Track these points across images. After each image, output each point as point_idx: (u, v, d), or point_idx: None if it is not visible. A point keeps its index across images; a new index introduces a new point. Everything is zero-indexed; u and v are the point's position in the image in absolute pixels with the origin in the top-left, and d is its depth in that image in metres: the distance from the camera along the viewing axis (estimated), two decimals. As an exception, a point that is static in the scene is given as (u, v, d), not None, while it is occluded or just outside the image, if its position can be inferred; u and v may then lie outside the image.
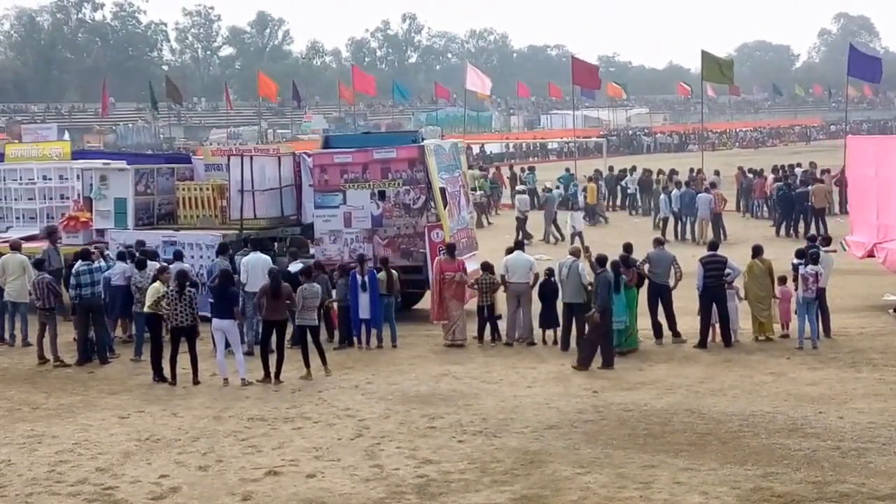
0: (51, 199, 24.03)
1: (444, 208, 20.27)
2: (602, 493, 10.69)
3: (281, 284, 16.16)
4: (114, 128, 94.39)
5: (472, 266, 19.82)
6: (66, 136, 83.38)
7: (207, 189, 22.07)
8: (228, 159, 21.75)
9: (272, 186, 21.83)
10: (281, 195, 22.04)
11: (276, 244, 21.60)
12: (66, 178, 23.93)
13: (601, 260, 16.89)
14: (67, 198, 23.75)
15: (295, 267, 18.33)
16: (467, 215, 22.31)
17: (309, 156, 22.24)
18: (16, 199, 24.38)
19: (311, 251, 20.71)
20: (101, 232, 21.85)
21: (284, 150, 24.37)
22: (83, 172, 22.88)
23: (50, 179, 24.12)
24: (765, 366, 16.15)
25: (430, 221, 20.04)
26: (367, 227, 20.36)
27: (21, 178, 24.36)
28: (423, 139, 21.22)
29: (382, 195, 20.29)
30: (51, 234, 20.94)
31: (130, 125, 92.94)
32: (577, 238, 27.66)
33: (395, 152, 20.45)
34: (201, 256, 20.17)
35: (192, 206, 22.10)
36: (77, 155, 25.64)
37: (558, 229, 32.31)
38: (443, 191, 20.37)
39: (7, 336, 19.27)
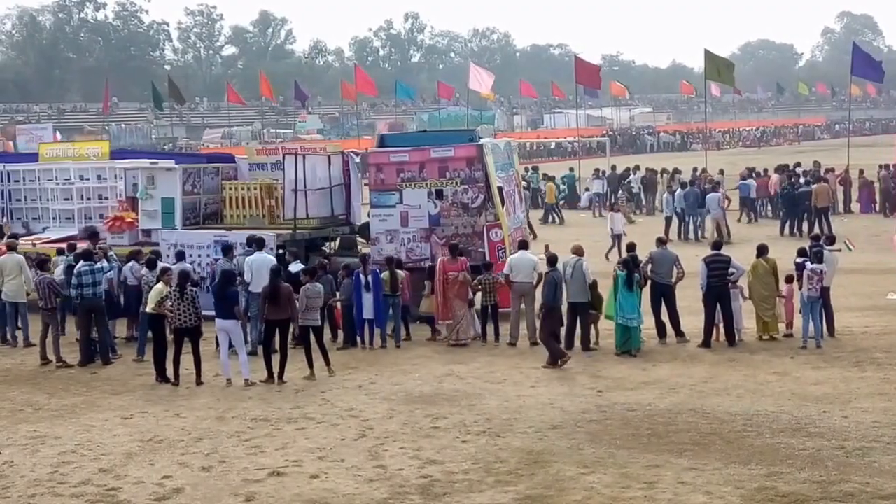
0: (88, 199, 23.85)
1: (502, 207, 20.19)
2: (606, 493, 10.66)
3: (280, 285, 16.12)
4: (106, 128, 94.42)
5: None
6: (59, 136, 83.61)
7: (255, 188, 21.95)
8: (283, 158, 21.58)
9: (323, 186, 21.78)
10: (331, 194, 21.96)
11: (327, 244, 21.61)
12: (105, 178, 23.75)
13: (552, 260, 17.20)
14: (106, 198, 23.61)
15: (295, 267, 18.29)
16: (521, 214, 22.28)
17: (357, 154, 22.21)
18: (52, 200, 24.20)
19: (367, 251, 20.54)
20: (147, 232, 21.74)
21: (332, 149, 24.20)
22: (126, 172, 22.71)
23: (87, 179, 23.94)
24: (769, 365, 16.12)
25: (488, 221, 19.96)
26: (425, 227, 20.25)
27: (57, 178, 24.17)
28: (479, 138, 21.17)
29: (440, 194, 20.18)
30: (92, 236, 20.87)
31: (124, 125, 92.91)
32: (617, 240, 26.92)
33: (453, 151, 20.31)
34: None
35: (239, 206, 21.98)
36: (116, 154, 25.44)
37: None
38: (500, 190, 20.28)
39: (9, 337, 19.26)
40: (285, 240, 20.50)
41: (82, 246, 19.87)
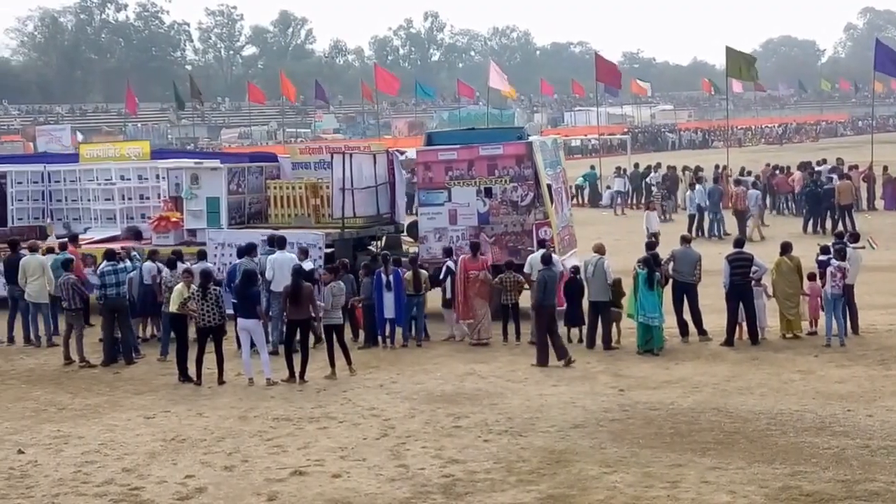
0: (130, 199, 23.83)
1: (551, 205, 20.13)
2: (629, 493, 10.62)
3: (302, 285, 16.13)
4: (122, 129, 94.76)
5: (572, 263, 19.72)
6: (80, 137, 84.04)
7: (300, 187, 21.92)
8: (332, 157, 21.53)
9: (369, 184, 21.77)
10: (377, 193, 21.95)
11: (373, 242, 21.66)
12: (146, 179, 23.74)
13: (545, 258, 17.21)
14: (147, 198, 23.61)
15: (307, 265, 18.23)
16: (568, 212, 22.22)
17: (402, 153, 22.19)
18: (92, 200, 24.19)
19: (413, 250, 20.53)
20: (192, 232, 21.73)
21: (376, 147, 24.22)
22: (169, 172, 22.70)
23: (129, 179, 23.90)
24: (792, 363, 16.03)
25: (537, 219, 19.90)
26: (474, 225, 20.15)
27: (98, 179, 24.16)
28: (528, 135, 21.00)
29: (489, 192, 20.09)
30: (137, 236, 20.83)
31: (140, 126, 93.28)
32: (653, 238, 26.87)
33: (502, 149, 20.24)
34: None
35: (283, 205, 21.94)
36: (156, 154, 25.41)
37: None
38: (548, 187, 20.20)
39: (32, 337, 19.37)
40: (334, 239, 20.50)
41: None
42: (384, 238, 21.91)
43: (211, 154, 28.79)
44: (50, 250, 19.62)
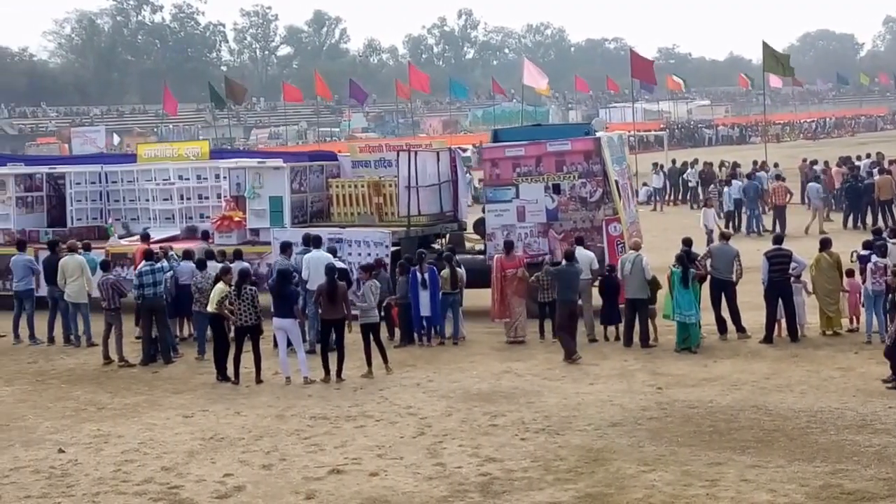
0: (188, 199, 23.83)
1: (619, 201, 20.06)
2: (667, 491, 10.56)
3: (337, 284, 16.14)
4: (155, 129, 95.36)
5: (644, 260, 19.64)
6: (116, 139, 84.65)
7: (362, 186, 21.92)
8: (398, 155, 21.57)
9: (433, 182, 21.79)
10: (440, 191, 21.98)
11: (438, 240, 21.73)
12: (205, 178, 23.71)
13: (568, 255, 17.30)
14: (206, 197, 23.63)
15: (338, 266, 18.24)
16: (634, 208, 22.15)
17: (464, 151, 22.14)
18: (151, 200, 24.15)
19: (479, 247, 20.42)
20: (255, 231, 21.76)
21: (438, 145, 24.19)
22: (230, 172, 22.72)
23: (187, 179, 23.88)
24: (832, 361, 15.87)
25: (607, 215, 19.81)
26: (542, 221, 20.08)
27: (156, 179, 24.14)
28: (594, 131, 20.99)
29: (557, 188, 20.00)
30: (204, 237, 20.88)
31: (171, 126, 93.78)
32: (710, 236, 26.21)
33: (570, 145, 20.16)
34: (369, 254, 19.88)
35: (346, 204, 21.96)
36: (215, 154, 25.41)
37: None
38: (616, 183, 20.11)
39: (72, 337, 19.53)
40: (400, 237, 20.52)
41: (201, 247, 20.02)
42: (448, 235, 21.91)
43: (272, 153, 28.67)
44: (72, 249, 19.75)
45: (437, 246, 21.56)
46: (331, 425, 13.51)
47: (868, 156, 38.45)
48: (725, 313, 17.81)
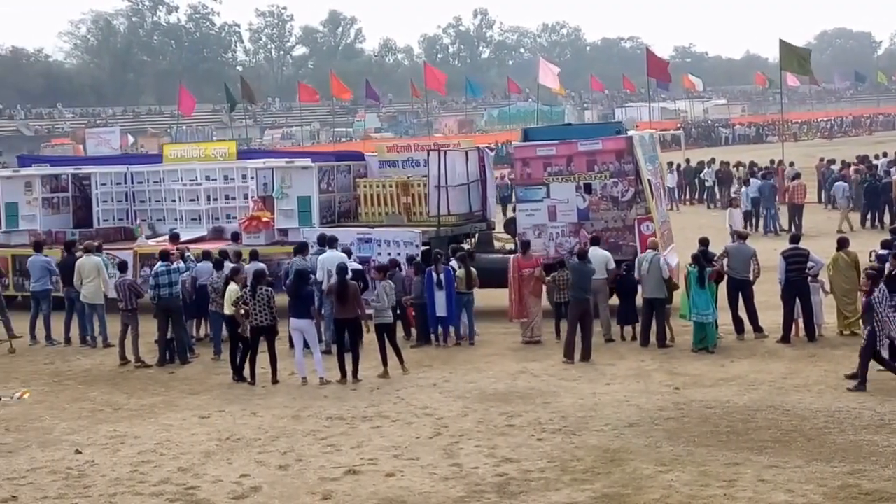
0: (215, 199, 23.76)
1: (652, 200, 19.98)
2: (685, 492, 10.52)
3: (347, 284, 16.13)
4: (168, 130, 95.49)
5: (674, 260, 19.63)
6: (131, 139, 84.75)
7: (391, 186, 21.93)
8: (428, 154, 21.55)
9: (462, 182, 21.77)
10: (469, 190, 21.96)
11: (467, 240, 21.72)
12: (232, 179, 23.68)
13: (581, 254, 17.35)
14: (233, 198, 23.61)
15: (353, 266, 18.23)
16: (665, 208, 22.03)
17: (491, 150, 22.14)
18: (178, 201, 24.14)
19: (508, 247, 20.39)
20: (283, 231, 21.75)
21: (467, 144, 24.16)
22: (257, 172, 22.73)
23: (214, 180, 23.84)
24: (850, 361, 15.69)
25: (639, 214, 19.70)
26: (573, 221, 20.02)
27: (182, 179, 24.10)
28: (626, 130, 20.84)
29: (588, 188, 19.93)
30: (234, 238, 20.86)
31: (185, 127, 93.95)
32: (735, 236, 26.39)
33: (602, 144, 20.06)
34: (398, 254, 19.87)
35: (374, 203, 21.97)
36: (243, 154, 25.45)
37: None
38: (648, 182, 20.02)
39: (88, 338, 19.59)
40: (430, 237, 20.51)
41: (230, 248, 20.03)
42: (477, 235, 21.89)
43: (299, 153, 28.63)
44: (87, 250, 19.80)
45: (466, 245, 21.54)
46: (347, 426, 13.50)
47: (885, 154, 38.28)
48: (742, 313, 17.74)
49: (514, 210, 21.44)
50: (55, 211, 24.43)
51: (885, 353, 14.44)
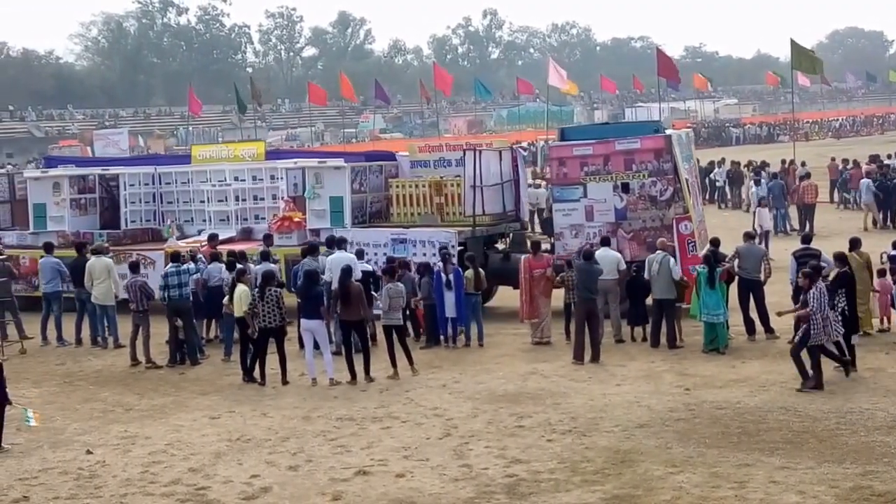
0: (244, 200, 23.46)
1: (690, 199, 19.86)
2: (695, 493, 10.50)
3: (351, 285, 16.08)
4: (174, 132, 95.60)
5: None
6: (141, 140, 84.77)
7: (424, 186, 21.82)
8: (463, 154, 21.45)
9: (496, 182, 21.68)
10: (503, 190, 21.89)
11: (501, 240, 21.68)
12: (261, 179, 23.39)
13: (587, 254, 17.34)
14: (261, 199, 23.36)
15: (363, 267, 18.22)
16: (701, 207, 21.95)
17: (524, 149, 22.03)
18: (206, 202, 23.78)
19: (546, 246, 20.34)
20: (315, 231, 21.53)
21: (499, 144, 24.04)
22: (287, 172, 22.63)
23: (243, 181, 23.53)
24: (862, 361, 15.68)
25: (677, 213, 19.55)
26: (611, 221, 19.85)
27: (211, 180, 23.76)
28: (664, 129, 20.69)
29: (626, 187, 19.78)
30: (267, 238, 20.58)
31: (191, 128, 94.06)
32: (765, 237, 25.84)
33: (640, 143, 19.90)
34: (434, 254, 19.75)
35: (407, 204, 21.86)
36: (271, 155, 25.16)
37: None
38: (686, 181, 19.91)
39: (99, 339, 19.62)
40: (466, 237, 20.40)
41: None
42: (511, 235, 21.85)
43: (330, 153, 28.42)
44: (97, 251, 19.80)
45: (500, 245, 21.41)
46: (357, 426, 13.51)
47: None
48: (754, 314, 17.68)
49: (548, 210, 21.30)
50: (83, 212, 24.14)
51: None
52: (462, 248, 20.07)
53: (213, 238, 21.04)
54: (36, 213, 23.83)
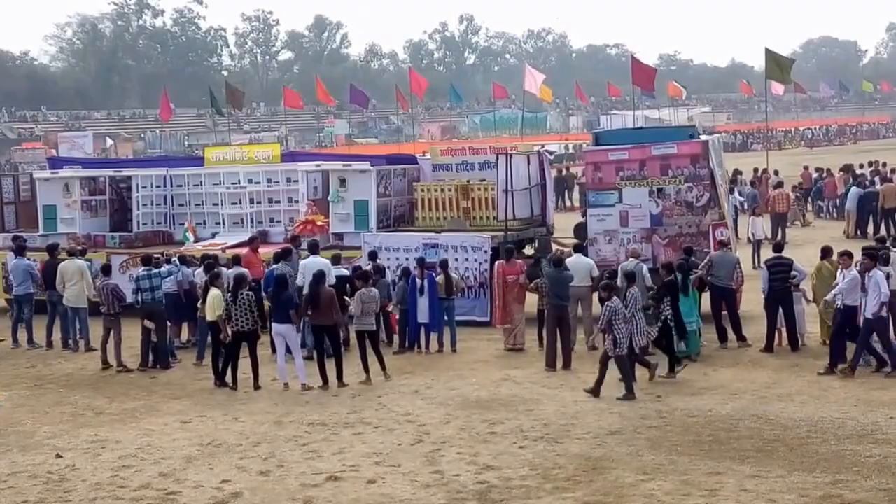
0: (258, 203, 23.11)
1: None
2: (666, 501, 10.53)
3: (321, 291, 16.03)
4: (142, 135, 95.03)
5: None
6: (109, 142, 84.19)
7: (450, 190, 21.63)
8: (496, 158, 21.29)
9: (524, 186, 21.58)
10: (530, 195, 21.77)
11: (530, 244, 21.62)
12: (276, 182, 23.04)
13: (556, 261, 17.36)
14: (276, 201, 23.00)
15: (338, 272, 18.16)
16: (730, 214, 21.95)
17: (551, 153, 21.99)
18: (220, 204, 23.42)
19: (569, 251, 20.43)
20: (338, 235, 21.39)
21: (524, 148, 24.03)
22: (307, 175, 22.40)
23: (258, 183, 23.18)
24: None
25: (713, 220, 19.43)
26: (646, 226, 19.70)
27: (225, 182, 23.38)
28: (700, 134, 20.54)
29: (662, 192, 19.73)
30: (293, 240, 20.13)
31: (158, 132, 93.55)
32: (757, 246, 25.71)
33: (676, 148, 19.79)
34: (466, 259, 19.66)
35: (431, 208, 21.70)
36: (287, 157, 24.97)
37: None
38: (721, 187, 19.80)
39: (70, 342, 19.48)
40: (498, 241, 20.16)
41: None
42: (538, 240, 21.79)
43: (355, 156, 28.12)
44: (71, 253, 19.63)
45: (529, 251, 21.36)
46: (329, 432, 13.46)
47: (870, 164, 38.40)
48: (726, 322, 17.75)
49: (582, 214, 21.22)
50: (93, 214, 23.78)
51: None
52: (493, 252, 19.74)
53: (253, 240, 20.78)
54: (46, 215, 23.45)
